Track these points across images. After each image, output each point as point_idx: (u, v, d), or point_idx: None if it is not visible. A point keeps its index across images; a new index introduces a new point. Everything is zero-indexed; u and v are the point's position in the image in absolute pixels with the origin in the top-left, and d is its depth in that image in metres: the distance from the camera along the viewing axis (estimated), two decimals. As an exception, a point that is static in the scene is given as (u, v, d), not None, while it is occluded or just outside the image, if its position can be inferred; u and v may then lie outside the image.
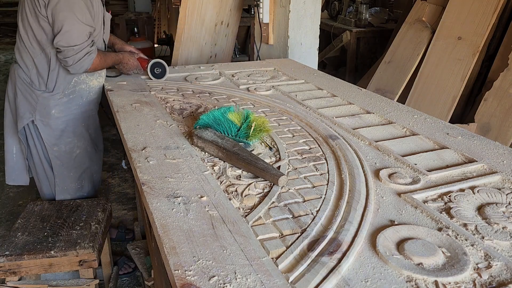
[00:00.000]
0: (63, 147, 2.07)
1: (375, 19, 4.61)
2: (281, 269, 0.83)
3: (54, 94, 1.99)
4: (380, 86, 3.59)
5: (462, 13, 3.16)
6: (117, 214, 2.87)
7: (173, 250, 0.86)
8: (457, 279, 0.80)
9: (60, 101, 2.01)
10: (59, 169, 2.09)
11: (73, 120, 2.07)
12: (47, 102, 1.98)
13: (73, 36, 1.83)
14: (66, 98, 2.02)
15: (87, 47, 1.87)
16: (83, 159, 2.15)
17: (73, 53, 1.84)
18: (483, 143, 1.41)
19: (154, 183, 1.13)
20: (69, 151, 2.08)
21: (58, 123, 2.03)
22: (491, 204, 1.05)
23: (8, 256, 1.65)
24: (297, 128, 1.55)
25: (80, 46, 1.84)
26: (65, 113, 2.03)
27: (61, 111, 2.02)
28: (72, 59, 1.85)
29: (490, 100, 2.96)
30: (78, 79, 2.02)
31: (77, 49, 1.84)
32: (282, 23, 2.78)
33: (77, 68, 1.89)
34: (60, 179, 2.11)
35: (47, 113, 1.99)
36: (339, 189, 1.13)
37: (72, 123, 2.07)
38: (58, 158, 2.07)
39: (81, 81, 2.03)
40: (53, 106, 1.99)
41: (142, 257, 2.22)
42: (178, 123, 1.56)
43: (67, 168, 2.10)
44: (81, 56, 1.86)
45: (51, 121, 2.01)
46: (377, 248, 0.88)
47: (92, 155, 2.20)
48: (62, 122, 2.04)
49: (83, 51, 1.86)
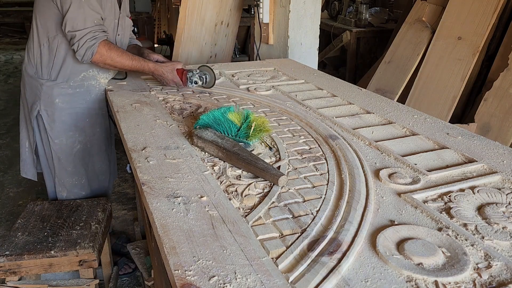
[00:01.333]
0: (64, 140, 2.05)
1: (375, 19, 4.61)
2: (281, 269, 0.83)
3: (57, 82, 1.97)
4: (380, 86, 3.59)
5: (462, 13, 3.16)
6: (117, 214, 2.87)
7: (173, 250, 0.86)
8: (457, 279, 0.80)
9: (64, 91, 1.99)
10: (58, 163, 2.08)
11: (78, 114, 2.05)
12: (51, 90, 1.97)
13: (78, 20, 1.81)
14: (71, 90, 2.00)
15: (91, 32, 1.83)
16: (83, 155, 2.13)
17: (78, 37, 1.81)
18: (483, 143, 1.41)
19: (154, 183, 1.13)
20: (70, 145, 2.07)
21: (62, 114, 2.01)
22: (491, 204, 1.05)
23: (8, 256, 1.65)
24: (297, 128, 1.55)
25: (84, 30, 1.81)
26: (70, 105, 2.02)
27: (65, 102, 2.00)
28: (77, 44, 1.82)
29: (490, 100, 2.96)
30: (87, 74, 2.00)
31: (82, 34, 1.81)
32: (282, 23, 2.78)
33: (82, 53, 1.85)
34: (59, 173, 2.10)
35: (51, 102, 1.98)
36: (339, 189, 1.13)
37: (76, 116, 2.04)
38: (59, 151, 2.06)
39: (90, 76, 2.01)
40: (57, 95, 1.98)
41: (142, 257, 2.22)
42: (178, 123, 1.56)
43: (66, 162, 2.09)
44: (85, 41, 1.82)
45: (55, 112, 2.00)
46: (377, 248, 0.88)
47: (96, 153, 2.18)
48: (66, 114, 2.02)
49: (87, 36, 1.82)
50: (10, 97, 5.30)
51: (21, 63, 2.18)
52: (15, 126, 4.39)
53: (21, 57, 7.26)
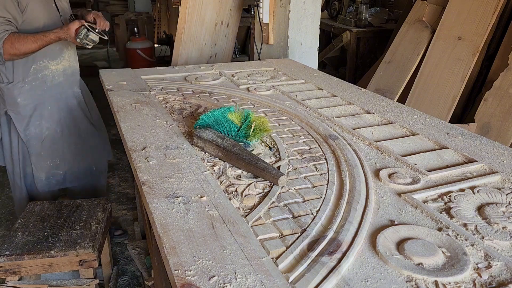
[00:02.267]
0: (33, 129, 2.23)
1: (375, 19, 4.61)
2: (281, 269, 0.83)
3: (15, 83, 2.13)
4: (380, 86, 3.59)
5: (462, 13, 3.16)
6: (117, 214, 2.87)
7: (173, 250, 0.86)
8: (457, 279, 0.80)
9: (23, 89, 2.15)
10: (32, 150, 2.25)
11: (40, 105, 2.22)
12: (12, 92, 2.14)
13: None
14: (28, 85, 2.16)
15: None
16: (53, 140, 2.30)
17: None
18: (483, 143, 1.41)
19: (154, 183, 1.13)
20: (39, 133, 2.25)
21: (26, 109, 2.19)
22: (491, 204, 1.05)
23: (8, 256, 1.65)
24: (297, 128, 1.55)
25: None
26: (31, 100, 2.19)
27: (26, 99, 2.17)
28: None
29: (490, 100, 2.96)
30: (37, 66, 2.15)
31: None
32: (282, 23, 2.78)
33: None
34: (35, 159, 2.27)
35: (14, 102, 2.16)
36: (339, 189, 1.13)
37: (39, 107, 2.22)
38: (30, 140, 2.23)
39: (41, 67, 2.17)
40: (18, 95, 2.15)
41: (142, 257, 2.22)
42: (178, 123, 1.56)
43: (40, 148, 2.26)
44: None
45: (20, 109, 2.18)
46: (377, 248, 0.88)
47: (67, 136, 2.33)
48: (30, 109, 2.20)
49: None
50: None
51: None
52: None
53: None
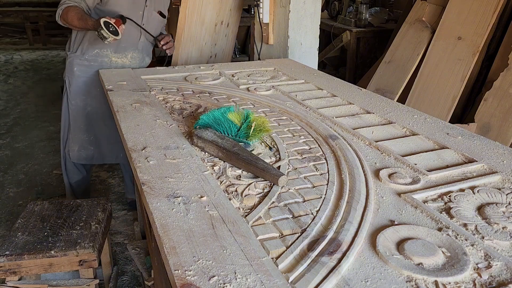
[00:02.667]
0: (78, 102, 2.51)
1: (375, 19, 4.61)
2: (281, 269, 0.83)
3: (77, 54, 2.45)
4: (380, 86, 3.59)
5: (462, 13, 3.16)
6: (117, 214, 2.87)
7: (173, 250, 0.86)
8: (457, 279, 0.80)
9: (81, 62, 2.45)
10: (73, 120, 2.53)
11: (90, 82, 2.47)
12: (72, 61, 2.47)
13: None
14: (87, 62, 2.45)
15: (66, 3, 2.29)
16: (93, 118, 2.55)
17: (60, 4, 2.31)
18: (483, 143, 1.41)
19: (154, 183, 1.13)
20: (83, 107, 2.52)
21: (78, 81, 2.47)
22: (491, 204, 1.05)
23: (8, 256, 1.65)
24: (297, 128, 1.55)
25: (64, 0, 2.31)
26: (84, 74, 2.46)
27: (81, 71, 2.46)
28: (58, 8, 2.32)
29: (490, 100, 2.96)
30: (100, 52, 2.43)
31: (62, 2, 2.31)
32: (282, 23, 2.77)
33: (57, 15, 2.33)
34: (73, 129, 2.55)
35: (71, 70, 2.47)
36: (339, 189, 1.13)
37: (89, 83, 2.48)
38: (74, 110, 2.52)
39: (104, 55, 2.44)
40: (76, 65, 2.46)
41: (142, 257, 2.22)
42: (178, 123, 1.56)
43: (80, 120, 2.53)
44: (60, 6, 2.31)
45: (73, 78, 2.47)
46: (377, 248, 0.88)
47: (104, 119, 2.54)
48: (81, 82, 2.47)
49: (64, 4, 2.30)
50: (10, 97, 5.29)
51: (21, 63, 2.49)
52: (15, 126, 4.39)
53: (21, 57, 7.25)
